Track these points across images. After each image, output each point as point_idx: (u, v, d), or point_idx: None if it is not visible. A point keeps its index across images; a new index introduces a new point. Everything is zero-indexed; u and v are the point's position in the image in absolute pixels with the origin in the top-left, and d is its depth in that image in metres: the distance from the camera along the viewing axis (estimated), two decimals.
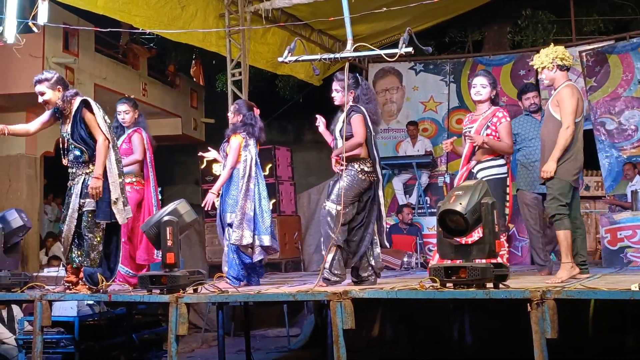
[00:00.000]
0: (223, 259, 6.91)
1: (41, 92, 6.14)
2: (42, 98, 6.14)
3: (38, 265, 11.18)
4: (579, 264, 5.78)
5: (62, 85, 6.18)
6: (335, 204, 6.02)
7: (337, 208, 5.98)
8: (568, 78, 5.89)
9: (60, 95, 6.13)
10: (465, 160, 6.25)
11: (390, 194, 12.14)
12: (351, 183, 6.06)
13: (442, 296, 4.95)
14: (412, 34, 5.58)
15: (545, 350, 4.55)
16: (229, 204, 6.77)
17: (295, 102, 15.76)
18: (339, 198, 5.98)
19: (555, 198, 5.62)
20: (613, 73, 11.39)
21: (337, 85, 6.16)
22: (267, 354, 9.81)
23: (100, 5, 9.10)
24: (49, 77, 6.16)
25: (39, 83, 6.15)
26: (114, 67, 13.28)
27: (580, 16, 13.97)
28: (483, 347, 7.51)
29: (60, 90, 6.15)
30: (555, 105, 5.76)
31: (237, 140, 6.80)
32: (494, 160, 6.15)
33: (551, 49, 5.84)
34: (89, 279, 6.05)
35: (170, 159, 17.05)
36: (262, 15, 10.74)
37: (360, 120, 6.09)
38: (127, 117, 7.15)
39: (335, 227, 5.97)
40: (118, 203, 6.02)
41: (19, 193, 11.88)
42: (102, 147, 5.99)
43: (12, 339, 8.47)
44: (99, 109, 6.11)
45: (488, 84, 6.29)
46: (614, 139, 11.20)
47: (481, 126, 6.22)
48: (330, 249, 6.01)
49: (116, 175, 6.06)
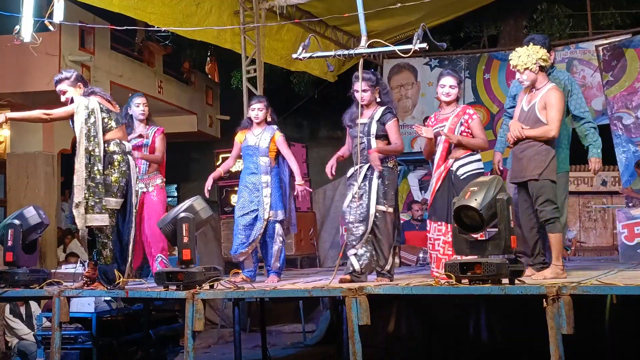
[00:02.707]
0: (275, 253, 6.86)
1: (62, 90, 6.19)
2: (65, 97, 6.18)
3: (56, 262, 11.26)
4: (540, 262, 5.74)
5: (82, 82, 6.23)
6: (384, 206, 6.01)
7: (389, 210, 6.00)
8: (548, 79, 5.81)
9: (82, 92, 6.16)
10: (442, 159, 6.08)
11: (405, 190, 12.14)
12: (394, 183, 6.12)
13: (458, 292, 4.95)
14: (427, 30, 5.56)
15: (561, 345, 4.54)
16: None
17: (310, 99, 15.75)
18: (387, 199, 6.00)
19: (549, 201, 5.57)
20: (630, 67, 11.30)
21: (365, 86, 6.08)
22: (283, 349, 9.84)
23: (115, 3, 9.15)
24: (68, 75, 6.21)
25: (59, 82, 6.20)
26: (129, 64, 13.33)
27: (597, 10, 13.86)
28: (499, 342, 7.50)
29: (81, 87, 6.19)
30: (543, 108, 5.65)
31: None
32: (471, 156, 6.04)
33: (531, 49, 5.71)
34: (103, 277, 6.06)
35: (186, 156, 17.11)
36: (277, 11, 10.75)
37: (398, 125, 6.19)
38: (146, 110, 7.22)
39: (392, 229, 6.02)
40: (80, 207, 5.93)
41: (36, 190, 11.97)
42: (36, 113, 6.10)
43: (31, 335, 8.56)
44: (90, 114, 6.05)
45: (457, 85, 6.17)
46: (631, 133, 11.12)
47: (454, 124, 6.07)
48: (392, 251, 6.06)
49: (82, 179, 5.95)
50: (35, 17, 7.88)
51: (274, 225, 6.74)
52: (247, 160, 6.90)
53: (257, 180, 6.77)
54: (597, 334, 6.57)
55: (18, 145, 12.29)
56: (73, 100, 6.15)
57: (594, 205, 12.26)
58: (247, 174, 6.85)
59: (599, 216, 12.27)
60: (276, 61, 12.13)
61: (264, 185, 6.75)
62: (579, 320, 4.66)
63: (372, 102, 6.16)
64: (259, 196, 6.73)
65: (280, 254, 6.78)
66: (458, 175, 5.96)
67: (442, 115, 6.22)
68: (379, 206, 5.99)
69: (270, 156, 6.82)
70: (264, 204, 6.70)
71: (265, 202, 6.71)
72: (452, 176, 5.99)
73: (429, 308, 7.75)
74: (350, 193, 6.11)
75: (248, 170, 6.86)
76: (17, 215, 6.67)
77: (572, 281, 5.04)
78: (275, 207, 6.74)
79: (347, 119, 6.31)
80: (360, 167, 6.07)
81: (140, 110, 7.18)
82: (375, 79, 6.21)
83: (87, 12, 11.36)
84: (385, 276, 5.98)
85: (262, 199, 6.72)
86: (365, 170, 6.06)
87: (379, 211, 5.99)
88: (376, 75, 6.29)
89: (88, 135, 6.00)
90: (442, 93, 6.19)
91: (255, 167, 6.82)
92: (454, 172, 6.00)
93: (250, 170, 6.84)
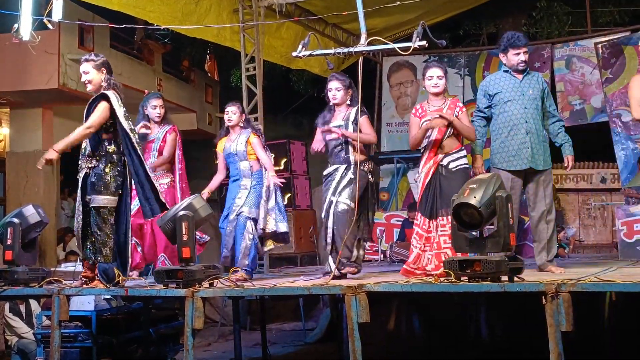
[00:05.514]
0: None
1: (85, 71, 6.13)
2: (85, 77, 6.13)
3: (55, 261, 11.27)
4: None
5: (106, 68, 6.17)
6: (349, 201, 6.21)
7: (352, 205, 6.16)
8: None
9: (105, 78, 6.12)
10: (433, 152, 6.07)
11: (405, 187, 12.14)
12: (363, 185, 6.27)
13: (457, 289, 4.95)
14: (426, 28, 5.57)
15: (560, 343, 4.55)
16: None
17: (309, 96, 15.74)
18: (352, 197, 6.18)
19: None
20: (629, 64, 11.30)
21: (338, 84, 6.34)
22: (283, 347, 9.84)
23: (115, 2, 9.15)
24: (95, 58, 6.17)
25: (85, 62, 6.15)
26: (129, 63, 13.33)
27: (596, 7, 13.87)
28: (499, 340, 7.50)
29: (104, 72, 6.14)
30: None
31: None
32: (460, 152, 6.09)
33: None
34: (103, 275, 6.04)
35: (185, 154, 17.00)
36: (276, 9, 10.74)
37: (369, 120, 6.43)
38: (162, 112, 7.28)
39: (350, 224, 6.14)
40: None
41: (36, 189, 11.97)
42: (80, 131, 5.99)
43: (31, 333, 8.56)
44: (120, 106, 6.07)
45: (443, 75, 6.12)
46: (630, 130, 11.11)
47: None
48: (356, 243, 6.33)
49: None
50: (34, 16, 7.87)
51: (245, 221, 6.80)
52: (231, 168, 7.07)
53: (238, 185, 6.94)
54: (597, 331, 6.58)
55: (17, 143, 12.29)
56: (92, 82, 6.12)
57: (593, 203, 12.26)
58: (232, 182, 7.04)
59: (598, 213, 12.27)
60: (276, 59, 12.13)
61: (243, 187, 6.89)
62: (578, 317, 4.66)
63: (343, 102, 6.39)
64: (235, 199, 6.89)
65: (250, 252, 6.81)
66: (450, 169, 6.01)
67: (432, 106, 6.17)
68: (344, 200, 6.22)
69: (250, 159, 6.92)
70: (235, 204, 6.85)
71: (237, 202, 6.84)
72: (443, 170, 6.02)
73: (429, 306, 7.75)
74: (325, 194, 6.42)
75: (232, 177, 7.05)
76: (17, 214, 6.67)
77: (571, 278, 5.04)
78: (248, 205, 6.81)
79: (320, 123, 6.51)
80: (337, 168, 6.34)
81: (157, 112, 7.29)
82: (349, 82, 6.41)
83: (87, 11, 11.35)
84: (352, 266, 6.24)
85: (235, 200, 6.87)
86: (342, 171, 6.32)
87: (343, 205, 6.21)
88: (350, 80, 6.46)
89: (131, 129, 6.07)
90: (431, 85, 6.14)
91: (237, 172, 6.99)
92: (444, 167, 6.02)
93: (234, 177, 7.03)
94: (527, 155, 6.13)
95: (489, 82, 6.41)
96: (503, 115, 6.25)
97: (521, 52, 6.22)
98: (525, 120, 6.16)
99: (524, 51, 6.23)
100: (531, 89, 6.22)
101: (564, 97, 12.45)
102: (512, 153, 6.17)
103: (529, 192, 6.27)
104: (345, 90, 6.37)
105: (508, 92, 6.25)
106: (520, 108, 6.18)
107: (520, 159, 6.15)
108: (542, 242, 6.17)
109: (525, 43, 6.24)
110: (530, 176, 6.23)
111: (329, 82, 6.43)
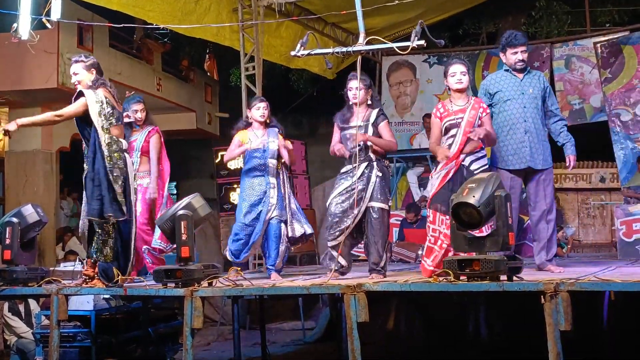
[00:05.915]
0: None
1: (75, 72, 6.22)
2: (75, 78, 6.22)
3: (54, 260, 11.25)
4: None
5: (96, 69, 6.23)
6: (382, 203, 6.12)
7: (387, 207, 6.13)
8: None
9: (93, 79, 6.17)
10: (457, 154, 5.87)
11: (405, 187, 12.13)
12: (389, 181, 6.26)
13: (456, 289, 4.95)
14: (425, 27, 5.56)
15: (559, 342, 4.55)
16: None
17: (309, 96, 15.74)
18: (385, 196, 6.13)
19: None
20: (628, 64, 11.29)
21: (360, 84, 6.17)
22: (283, 347, 9.85)
23: (114, 1, 9.16)
24: (85, 59, 6.25)
25: (75, 63, 6.24)
26: (128, 62, 13.31)
27: (595, 7, 13.87)
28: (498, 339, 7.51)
29: (93, 73, 6.20)
30: None
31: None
32: (482, 151, 5.99)
33: None
34: (103, 274, 6.06)
35: (185, 154, 17.10)
36: (275, 9, 10.73)
37: (389, 125, 6.34)
38: (143, 115, 7.24)
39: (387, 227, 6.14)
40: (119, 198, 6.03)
41: (35, 188, 11.96)
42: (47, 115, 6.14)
43: (30, 333, 8.56)
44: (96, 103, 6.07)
45: (466, 72, 6.02)
46: (629, 130, 11.11)
47: (473, 117, 5.90)
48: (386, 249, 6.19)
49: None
50: (32, 15, 7.87)
51: (279, 225, 6.75)
52: (253, 162, 6.84)
53: (264, 182, 6.78)
54: (595, 331, 6.59)
55: (17, 143, 12.26)
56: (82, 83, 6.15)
57: (592, 202, 12.25)
58: (251, 176, 6.83)
59: (598, 213, 12.26)
60: (275, 58, 12.12)
61: (272, 186, 6.77)
62: (577, 316, 4.67)
63: (364, 102, 6.26)
64: (265, 197, 6.74)
65: (285, 254, 6.86)
66: (471, 170, 5.85)
67: (455, 106, 5.99)
68: (376, 203, 6.07)
69: (278, 159, 6.85)
70: (269, 205, 6.72)
71: (271, 202, 6.72)
72: (465, 170, 5.86)
73: (428, 305, 7.76)
74: (339, 187, 6.22)
75: (252, 172, 6.84)
76: (15, 213, 6.68)
77: (570, 278, 5.04)
78: (280, 208, 6.76)
79: (339, 120, 6.40)
80: (357, 166, 6.11)
81: (138, 116, 7.25)
82: (369, 82, 6.36)
83: (86, 10, 11.33)
84: (380, 272, 6.06)
85: (268, 199, 6.73)
86: (363, 168, 6.14)
87: (376, 208, 6.06)
88: (370, 80, 6.41)
89: (103, 127, 6.03)
90: (454, 81, 6.00)
91: (263, 169, 6.80)
92: (466, 167, 5.88)
93: (255, 173, 6.82)
94: (526, 155, 6.13)
95: (489, 81, 6.41)
96: (502, 114, 6.25)
97: (519, 51, 6.22)
98: (524, 119, 6.15)
99: (521, 50, 6.22)
100: (532, 87, 6.22)
101: (563, 96, 12.44)
102: (511, 152, 6.17)
103: (530, 191, 6.27)
104: (366, 90, 6.25)
105: (508, 91, 6.25)
106: (519, 107, 6.18)
107: (519, 158, 6.15)
108: (541, 241, 6.16)
109: (523, 42, 6.23)
110: (530, 175, 6.22)
111: (349, 81, 6.28)
